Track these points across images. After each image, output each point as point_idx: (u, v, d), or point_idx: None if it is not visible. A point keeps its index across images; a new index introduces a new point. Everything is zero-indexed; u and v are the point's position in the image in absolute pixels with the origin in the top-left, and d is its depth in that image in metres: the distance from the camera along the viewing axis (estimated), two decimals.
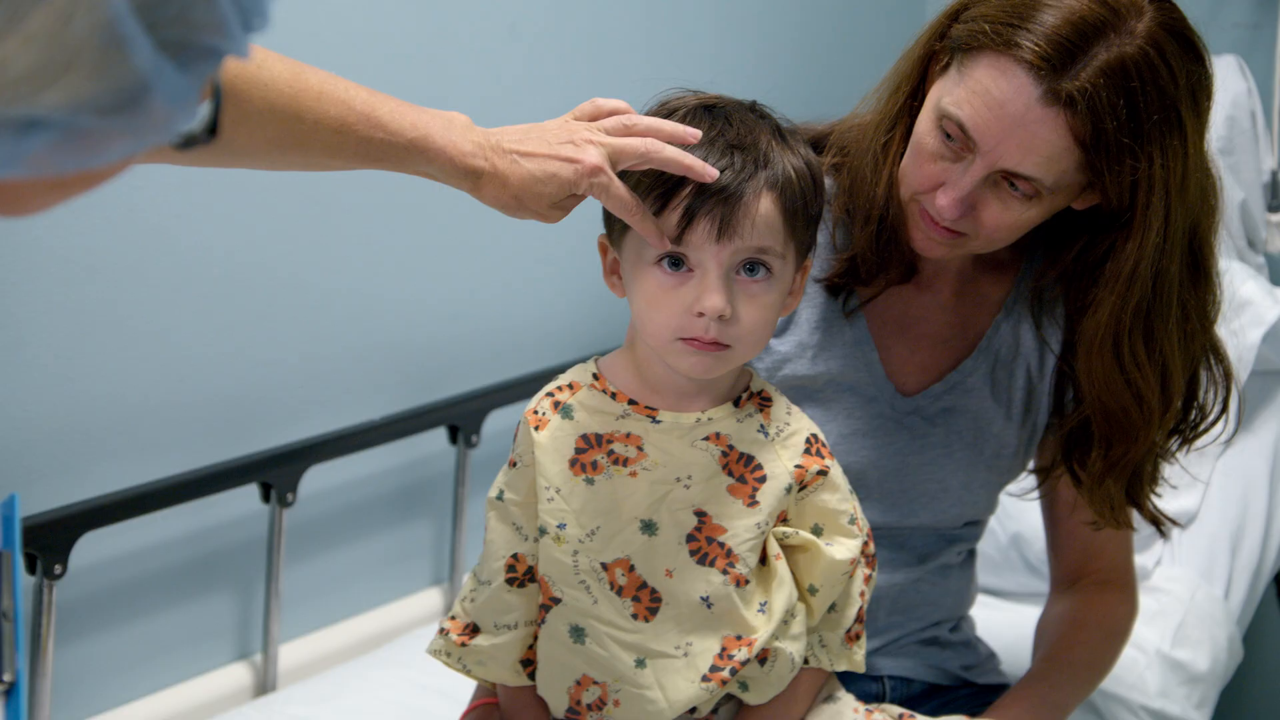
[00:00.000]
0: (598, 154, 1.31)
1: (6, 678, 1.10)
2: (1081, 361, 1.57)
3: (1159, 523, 1.69)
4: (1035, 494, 1.78)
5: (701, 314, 1.31)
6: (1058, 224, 1.59)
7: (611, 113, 1.37)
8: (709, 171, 1.29)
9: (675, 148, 1.31)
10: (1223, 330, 1.63)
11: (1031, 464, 1.77)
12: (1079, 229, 1.58)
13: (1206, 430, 1.64)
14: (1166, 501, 1.75)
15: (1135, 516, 1.69)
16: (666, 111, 1.38)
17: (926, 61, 1.55)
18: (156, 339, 1.99)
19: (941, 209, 1.48)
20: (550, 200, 1.34)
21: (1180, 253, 1.52)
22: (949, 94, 1.47)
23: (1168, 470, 1.69)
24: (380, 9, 2.20)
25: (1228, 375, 1.62)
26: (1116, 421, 1.57)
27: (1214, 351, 1.61)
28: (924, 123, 1.51)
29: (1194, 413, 1.62)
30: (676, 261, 1.32)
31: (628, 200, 1.31)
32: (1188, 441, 1.64)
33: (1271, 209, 2.81)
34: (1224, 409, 1.63)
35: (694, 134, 1.32)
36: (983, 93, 1.43)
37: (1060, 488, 1.73)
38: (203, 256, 2.03)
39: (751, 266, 1.33)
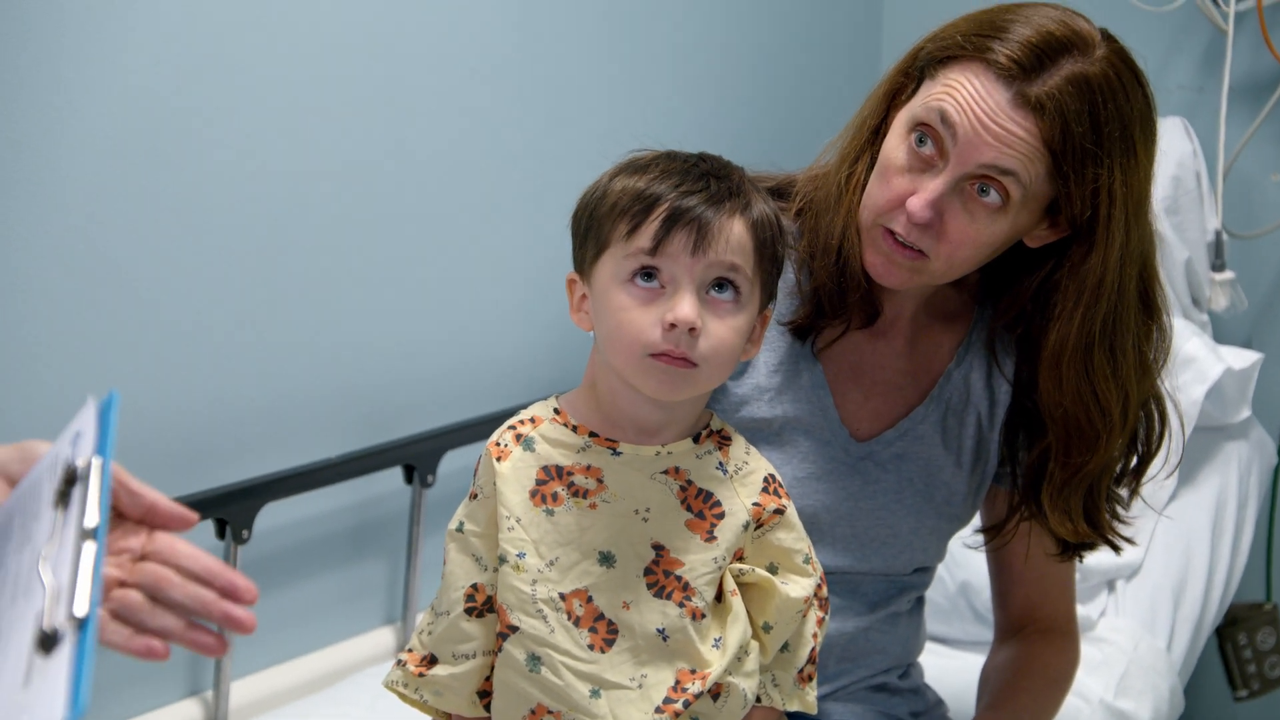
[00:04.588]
0: None
1: (79, 611, 0.93)
2: (1047, 371, 1.58)
3: (1115, 545, 1.70)
4: (983, 545, 1.80)
5: (673, 325, 1.34)
6: (1009, 272, 1.63)
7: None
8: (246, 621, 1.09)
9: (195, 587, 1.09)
10: (1167, 385, 1.67)
11: (980, 522, 1.80)
12: (1032, 266, 1.61)
13: (1146, 468, 1.67)
14: (1107, 556, 1.78)
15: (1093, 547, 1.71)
16: (636, 165, 1.41)
17: (891, 97, 1.59)
18: (110, 375, 1.99)
19: (912, 212, 1.50)
20: None
21: (1136, 278, 1.56)
22: (922, 101, 1.52)
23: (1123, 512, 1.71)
24: (340, 51, 2.22)
25: (1163, 420, 1.66)
26: (1078, 428, 1.59)
27: (1156, 398, 1.65)
28: (891, 140, 1.55)
29: (1138, 451, 1.66)
30: (649, 274, 1.36)
31: None
32: (1135, 478, 1.67)
33: (1215, 268, 2.87)
34: (1158, 446, 1.67)
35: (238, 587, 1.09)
36: (958, 88, 1.48)
37: (1010, 550, 1.75)
38: (158, 294, 2.04)
39: (721, 285, 1.37)
